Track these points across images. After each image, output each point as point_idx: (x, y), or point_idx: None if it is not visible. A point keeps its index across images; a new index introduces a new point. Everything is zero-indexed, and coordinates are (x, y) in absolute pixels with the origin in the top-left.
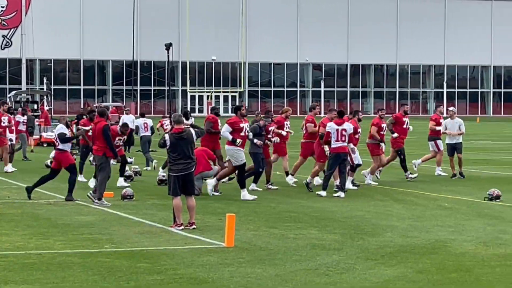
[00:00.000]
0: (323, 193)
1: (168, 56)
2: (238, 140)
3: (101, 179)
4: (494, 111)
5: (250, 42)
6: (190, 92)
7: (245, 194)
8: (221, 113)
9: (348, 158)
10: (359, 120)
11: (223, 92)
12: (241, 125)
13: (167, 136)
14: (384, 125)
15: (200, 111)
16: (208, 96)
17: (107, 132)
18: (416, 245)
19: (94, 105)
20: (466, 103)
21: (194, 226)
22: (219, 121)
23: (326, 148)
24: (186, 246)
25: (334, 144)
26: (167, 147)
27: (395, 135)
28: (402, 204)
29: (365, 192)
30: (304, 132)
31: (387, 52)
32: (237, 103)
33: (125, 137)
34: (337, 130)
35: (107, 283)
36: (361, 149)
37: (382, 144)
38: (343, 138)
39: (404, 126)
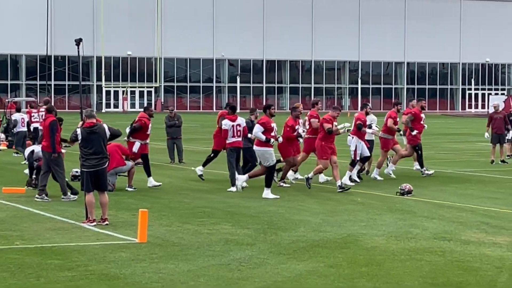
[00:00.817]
0: (233, 188)
1: (78, 51)
2: (272, 140)
3: (61, 176)
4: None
5: (166, 37)
6: (105, 87)
7: (268, 193)
8: (136, 108)
9: (351, 153)
10: (367, 113)
11: (139, 87)
12: (272, 125)
13: (78, 131)
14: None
15: (116, 106)
16: (123, 91)
17: (52, 127)
18: (328, 239)
19: (6, 100)
20: (380, 99)
21: (107, 222)
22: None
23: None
24: (98, 242)
25: (230, 140)
26: (79, 141)
27: (415, 132)
28: (315, 199)
29: (279, 187)
30: (308, 127)
31: (302, 48)
32: (153, 99)
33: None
34: (233, 126)
35: (16, 280)
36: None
37: (403, 138)
38: (239, 133)
39: (421, 122)
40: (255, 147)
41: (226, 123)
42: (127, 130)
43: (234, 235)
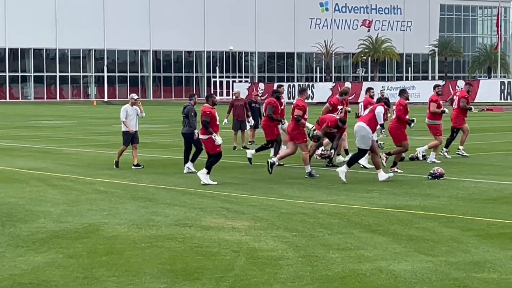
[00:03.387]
0: None
1: None
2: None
3: None
4: (154, 95)
5: None
6: None
7: (343, 171)
8: None
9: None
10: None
11: None
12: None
13: None
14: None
15: None
16: None
17: None
18: (69, 230)
19: None
20: (126, 87)
21: None
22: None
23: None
24: None
25: None
26: None
27: (473, 109)
28: (57, 189)
29: (20, 178)
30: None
31: (46, 36)
32: None
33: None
34: None
35: None
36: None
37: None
38: None
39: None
40: (363, 124)
41: None
42: None
43: None
